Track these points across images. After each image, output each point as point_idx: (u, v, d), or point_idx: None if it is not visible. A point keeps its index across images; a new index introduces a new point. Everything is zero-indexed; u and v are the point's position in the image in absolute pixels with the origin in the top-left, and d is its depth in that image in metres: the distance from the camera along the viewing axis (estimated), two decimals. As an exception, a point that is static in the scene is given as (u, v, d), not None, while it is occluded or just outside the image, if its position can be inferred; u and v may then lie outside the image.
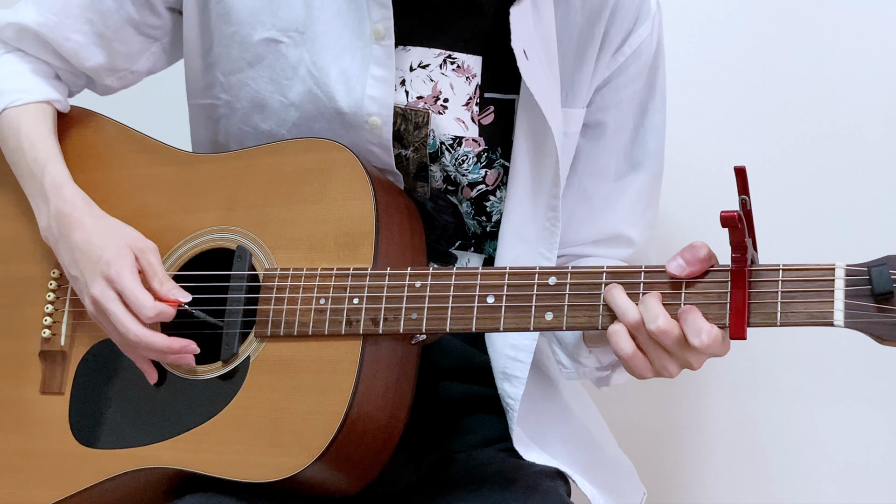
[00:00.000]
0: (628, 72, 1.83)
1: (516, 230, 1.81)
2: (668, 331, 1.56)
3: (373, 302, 1.69)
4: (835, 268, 1.53)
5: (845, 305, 1.52)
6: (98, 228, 1.77)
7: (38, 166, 1.82)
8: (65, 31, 1.86)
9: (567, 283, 1.63)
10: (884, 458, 2.22)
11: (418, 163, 1.82)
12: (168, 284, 1.73)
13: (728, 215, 1.52)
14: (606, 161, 1.86)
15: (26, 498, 1.80)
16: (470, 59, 1.80)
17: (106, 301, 1.72)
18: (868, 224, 2.19)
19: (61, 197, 1.79)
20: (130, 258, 1.74)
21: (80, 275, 1.76)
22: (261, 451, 1.69)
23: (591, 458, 1.88)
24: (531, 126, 1.78)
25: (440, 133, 1.80)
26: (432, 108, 1.80)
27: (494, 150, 1.82)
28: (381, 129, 1.78)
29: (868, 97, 2.20)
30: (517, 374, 1.81)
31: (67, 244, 1.77)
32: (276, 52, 1.81)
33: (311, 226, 1.74)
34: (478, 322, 1.65)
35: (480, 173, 1.82)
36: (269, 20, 1.80)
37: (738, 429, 2.27)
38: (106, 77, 1.91)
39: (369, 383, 1.68)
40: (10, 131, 1.85)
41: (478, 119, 1.81)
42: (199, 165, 1.84)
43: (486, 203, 1.84)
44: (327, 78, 1.78)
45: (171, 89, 2.08)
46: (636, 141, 1.87)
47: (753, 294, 1.55)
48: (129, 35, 1.88)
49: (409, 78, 1.80)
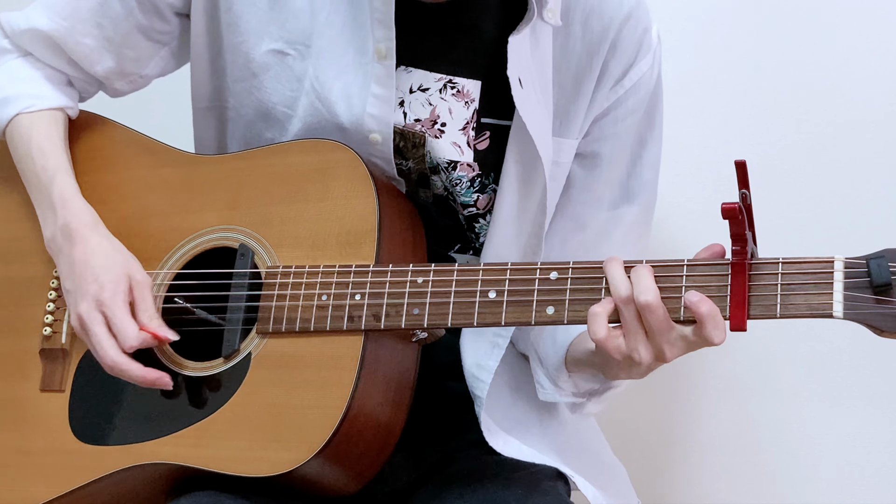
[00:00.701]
0: (627, 104, 1.83)
1: (497, 253, 1.82)
2: (655, 307, 1.57)
3: (375, 298, 1.70)
4: (834, 260, 1.55)
5: (844, 297, 1.53)
6: (101, 249, 1.78)
7: (46, 176, 1.83)
8: (75, 35, 1.87)
9: (569, 278, 1.64)
10: (883, 457, 2.22)
11: (420, 173, 1.84)
12: (155, 322, 1.75)
13: (729, 207, 1.53)
14: (602, 191, 1.86)
15: (26, 494, 1.79)
16: (470, 83, 1.81)
17: (91, 322, 1.74)
18: (866, 218, 2.21)
19: (69, 210, 1.80)
20: (125, 286, 1.75)
21: (74, 289, 1.77)
22: (261, 446, 1.69)
23: (589, 462, 1.89)
24: (521, 153, 1.79)
25: (436, 156, 1.82)
26: (429, 131, 1.81)
27: (488, 175, 1.83)
28: (381, 145, 1.79)
29: (867, 93, 2.21)
30: (483, 379, 1.81)
31: (68, 258, 1.78)
32: (283, 63, 1.82)
33: (313, 224, 1.76)
34: (479, 317, 1.67)
35: (472, 197, 1.83)
36: (277, 32, 1.82)
37: (737, 429, 2.27)
38: (116, 81, 1.93)
39: (370, 379, 1.69)
40: (21, 138, 1.86)
41: (473, 144, 1.82)
42: (202, 166, 1.85)
43: (475, 224, 1.86)
44: (329, 93, 1.79)
45: (172, 92, 2.09)
46: (633, 172, 1.87)
47: (753, 286, 1.57)
48: (137, 40, 1.89)
49: (408, 99, 1.81)
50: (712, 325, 1.57)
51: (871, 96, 2.21)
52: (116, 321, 1.73)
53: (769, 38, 2.24)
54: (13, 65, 1.90)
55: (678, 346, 1.60)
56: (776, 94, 2.24)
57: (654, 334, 1.59)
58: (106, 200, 1.87)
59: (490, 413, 1.81)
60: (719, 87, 2.27)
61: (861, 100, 2.21)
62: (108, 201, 1.87)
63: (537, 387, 1.85)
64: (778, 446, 2.26)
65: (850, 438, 2.23)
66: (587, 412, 1.88)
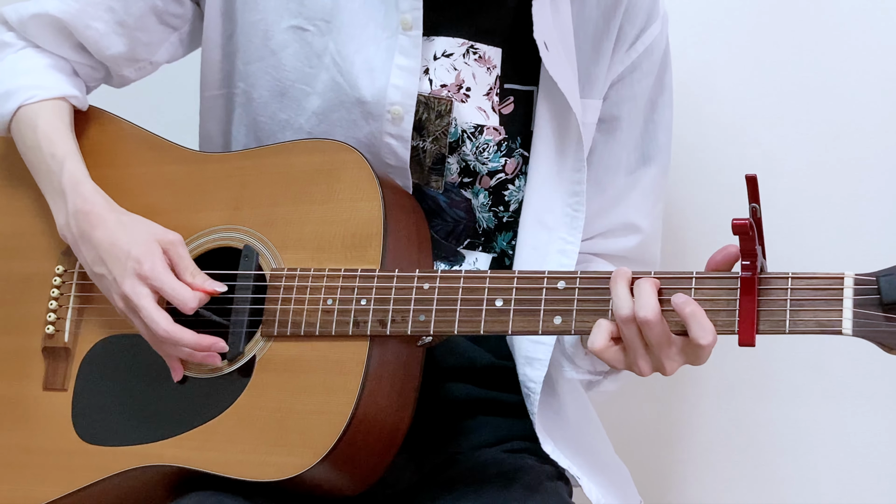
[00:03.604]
0: (642, 67, 1.88)
1: (538, 217, 1.83)
2: (654, 323, 1.58)
3: (381, 303, 1.69)
4: (844, 277, 1.55)
5: (854, 314, 1.53)
6: (121, 225, 1.77)
7: (55, 163, 1.81)
8: (86, 18, 1.86)
9: (576, 288, 1.64)
10: (883, 457, 2.23)
11: (435, 154, 1.83)
12: (200, 276, 1.74)
13: (740, 223, 1.53)
14: (620, 154, 1.90)
15: (29, 494, 1.79)
16: (491, 50, 1.83)
17: (138, 297, 1.72)
18: (877, 233, 2.21)
19: (80, 194, 1.78)
20: (160, 252, 1.74)
21: (108, 273, 1.75)
22: (266, 451, 1.69)
23: (592, 461, 1.89)
24: (553, 114, 1.82)
25: (462, 121, 1.83)
26: (455, 95, 1.83)
27: (514, 139, 1.85)
28: (402, 119, 1.79)
29: (875, 99, 2.21)
30: (539, 357, 1.82)
31: (89, 242, 1.77)
32: (302, 40, 1.82)
33: (318, 226, 1.75)
34: (486, 325, 1.66)
35: (500, 161, 1.85)
36: (297, 8, 1.82)
37: (737, 428, 2.28)
38: (124, 67, 1.91)
39: (375, 384, 1.68)
40: (26, 129, 1.84)
41: (498, 108, 1.84)
42: (207, 165, 1.84)
43: (504, 192, 1.86)
44: (351, 67, 1.80)
45: (177, 83, 2.08)
46: (646, 135, 1.91)
47: (763, 301, 1.56)
48: (150, 24, 1.88)
49: (432, 66, 1.82)
50: (697, 327, 1.57)
51: (883, 103, 2.20)
52: (168, 289, 1.72)
53: (767, 39, 2.24)
54: (13, 59, 1.88)
55: (677, 360, 1.61)
56: (783, 97, 2.24)
57: (653, 348, 1.60)
58: (110, 197, 1.85)
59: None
60: (718, 88, 2.27)
61: (874, 107, 2.21)
62: (112, 198, 1.85)
63: (556, 366, 1.86)
64: (778, 446, 2.27)
65: (851, 438, 2.23)
66: (603, 390, 1.89)
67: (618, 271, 1.62)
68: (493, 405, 1.88)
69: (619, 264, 1.80)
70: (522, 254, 1.84)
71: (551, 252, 1.82)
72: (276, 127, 1.85)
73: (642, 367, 1.61)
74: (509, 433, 1.88)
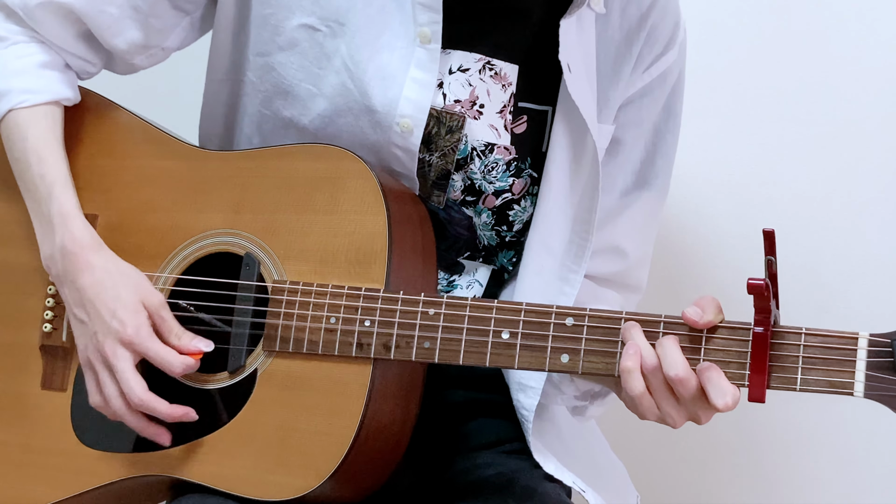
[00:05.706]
0: (653, 93, 1.83)
1: (543, 240, 1.79)
2: (686, 380, 1.56)
3: (384, 326, 1.67)
4: (858, 337, 1.52)
5: (866, 377, 1.51)
6: (107, 274, 1.72)
7: (44, 187, 1.76)
8: (99, 3, 1.79)
9: (584, 326, 1.61)
10: (884, 458, 2.24)
11: (441, 170, 1.79)
12: (186, 337, 1.71)
13: (755, 284, 1.50)
14: (616, 176, 1.85)
15: (27, 495, 1.79)
16: (507, 66, 1.78)
17: (116, 359, 1.69)
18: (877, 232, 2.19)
19: (69, 230, 1.73)
20: (144, 317, 1.70)
21: (89, 322, 1.72)
22: (267, 469, 1.69)
23: (588, 463, 1.89)
24: (569, 138, 1.77)
25: (473, 138, 1.78)
26: (468, 112, 1.77)
27: (524, 159, 1.80)
28: (411, 133, 1.75)
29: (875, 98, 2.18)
30: (532, 385, 1.80)
31: (73, 285, 1.73)
32: (312, 39, 1.76)
33: (321, 238, 1.71)
34: (492, 357, 1.64)
35: (508, 182, 1.80)
36: (310, 6, 1.76)
37: (737, 428, 2.28)
38: (136, 55, 1.85)
39: (379, 405, 1.67)
40: (17, 136, 1.78)
41: (510, 127, 1.79)
42: (207, 162, 1.80)
43: (508, 212, 1.82)
44: (363, 73, 1.74)
45: (179, 71, 2.03)
46: (646, 161, 1.86)
47: (774, 356, 1.54)
48: (164, 8, 1.82)
49: (447, 81, 1.77)
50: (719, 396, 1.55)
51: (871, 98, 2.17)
52: (153, 354, 1.69)
53: (770, 38, 2.21)
54: (3, 56, 1.80)
55: (711, 413, 1.58)
56: (778, 94, 2.21)
57: (686, 403, 1.57)
58: (106, 188, 1.82)
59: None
60: (721, 87, 2.24)
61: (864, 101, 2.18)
62: (109, 189, 1.82)
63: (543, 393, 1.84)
64: (778, 446, 2.27)
65: (851, 438, 2.24)
66: (589, 415, 1.88)
67: (626, 325, 1.59)
68: (491, 407, 1.87)
69: (603, 286, 1.79)
70: (525, 279, 1.80)
71: (554, 280, 1.79)
72: (279, 124, 1.80)
73: (676, 419, 1.58)
74: (507, 435, 1.87)
